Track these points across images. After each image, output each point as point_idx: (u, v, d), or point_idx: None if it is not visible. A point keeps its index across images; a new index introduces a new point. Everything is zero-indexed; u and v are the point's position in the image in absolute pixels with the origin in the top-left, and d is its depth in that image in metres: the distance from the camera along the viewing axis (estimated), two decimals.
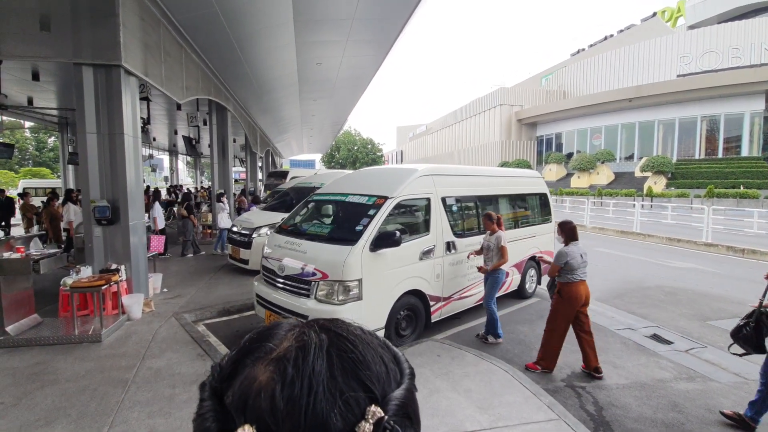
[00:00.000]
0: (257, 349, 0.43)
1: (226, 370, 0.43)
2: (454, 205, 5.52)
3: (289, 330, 0.45)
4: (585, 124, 37.41)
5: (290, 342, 0.42)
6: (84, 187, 5.50)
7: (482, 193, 6.00)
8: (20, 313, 4.77)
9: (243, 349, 0.44)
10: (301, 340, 0.42)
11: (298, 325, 0.47)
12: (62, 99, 12.33)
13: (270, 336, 0.45)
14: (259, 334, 0.46)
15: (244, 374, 0.40)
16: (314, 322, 0.47)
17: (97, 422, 3.14)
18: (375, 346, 0.45)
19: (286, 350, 0.41)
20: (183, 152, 28.35)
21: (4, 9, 4.94)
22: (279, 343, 0.43)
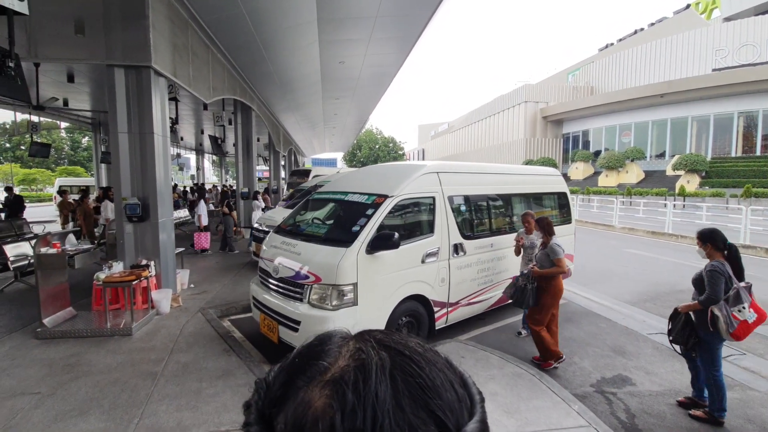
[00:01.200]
0: (309, 367, 0.38)
1: (274, 392, 0.39)
2: (463, 204, 5.18)
3: (343, 344, 0.41)
4: (613, 121, 36.27)
5: (346, 360, 0.38)
6: (116, 185, 5.68)
7: (495, 192, 5.66)
8: (56, 306, 4.96)
9: (293, 368, 0.40)
10: (358, 358, 0.38)
11: (351, 338, 0.43)
12: (95, 100, 12.79)
13: (322, 352, 0.40)
14: (310, 348, 0.42)
15: (296, 398, 0.36)
16: (369, 335, 0.43)
17: (128, 413, 3.22)
18: (441, 366, 0.40)
19: (343, 371, 0.37)
20: (209, 151, 29.03)
21: (42, 15, 5.14)
22: (333, 362, 0.38)
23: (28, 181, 39.11)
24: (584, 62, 48.65)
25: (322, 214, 5.34)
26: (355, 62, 10.83)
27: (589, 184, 33.50)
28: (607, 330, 5.41)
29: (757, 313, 3.15)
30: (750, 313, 3.12)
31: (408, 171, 4.79)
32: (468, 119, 55.17)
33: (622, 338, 5.14)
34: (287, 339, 4.02)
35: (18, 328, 4.93)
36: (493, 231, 5.41)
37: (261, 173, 28.09)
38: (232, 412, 3.26)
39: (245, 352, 4.39)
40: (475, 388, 0.41)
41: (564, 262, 4.25)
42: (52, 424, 3.07)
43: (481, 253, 5.17)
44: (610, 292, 7.07)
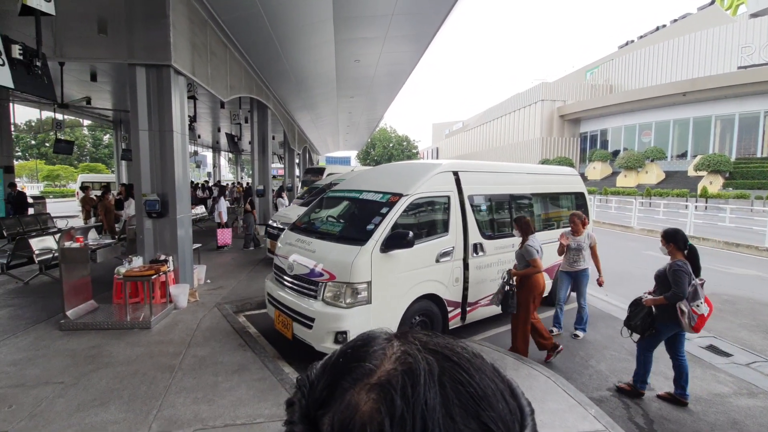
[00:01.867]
0: (354, 369, 0.38)
1: (319, 392, 0.38)
2: (483, 204, 5.20)
3: (387, 345, 0.40)
4: (633, 120, 35.45)
5: (392, 364, 0.37)
6: (136, 181, 5.81)
7: (513, 191, 5.62)
8: (79, 299, 5.11)
9: (337, 368, 0.39)
10: (405, 362, 0.37)
11: (394, 338, 0.42)
12: (116, 99, 13.11)
13: (366, 353, 0.40)
14: (354, 349, 0.41)
15: (343, 400, 0.35)
16: (413, 337, 0.42)
17: (146, 405, 3.30)
18: (490, 374, 0.38)
19: (390, 374, 0.36)
20: (225, 149, 29.45)
21: (67, 15, 5.26)
22: (379, 364, 0.37)
23: (52, 177, 40.30)
24: (603, 60, 47.66)
25: (336, 213, 5.36)
26: (370, 60, 10.83)
27: (607, 184, 32.84)
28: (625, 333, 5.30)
29: (708, 306, 3.46)
30: (705, 307, 3.44)
31: (423, 170, 4.77)
32: (483, 118, 54.66)
33: None
34: (301, 336, 4.06)
35: (43, 319, 5.10)
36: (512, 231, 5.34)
37: (276, 171, 28.36)
38: (247, 407, 3.31)
39: (260, 348, 4.44)
40: (524, 399, 0.39)
41: (539, 262, 4.32)
42: (75, 413, 3.17)
43: (502, 253, 5.15)
44: (628, 294, 6.88)
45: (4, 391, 3.44)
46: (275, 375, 3.83)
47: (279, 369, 3.98)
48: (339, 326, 3.80)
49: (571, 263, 5.11)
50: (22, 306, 5.60)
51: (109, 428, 3.00)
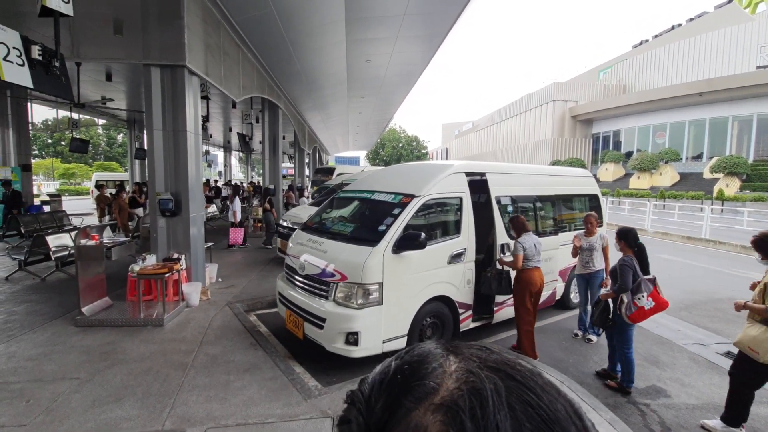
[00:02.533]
0: (415, 388, 0.36)
1: (380, 412, 0.36)
2: (510, 205, 5.26)
3: (444, 361, 0.39)
4: (647, 121, 34.91)
5: (455, 383, 0.36)
6: (150, 180, 5.87)
7: (535, 192, 5.68)
8: (94, 296, 5.18)
9: (396, 386, 0.38)
10: (468, 380, 0.35)
11: (449, 353, 0.40)
12: (131, 98, 13.29)
13: (426, 371, 0.38)
14: (411, 366, 0.39)
15: (408, 422, 0.34)
16: (468, 352, 0.40)
17: (160, 402, 3.33)
18: (554, 393, 0.37)
19: (454, 395, 0.34)
20: (236, 149, 29.69)
21: (85, 16, 5.34)
22: (441, 383, 0.36)
23: (67, 175, 41.06)
24: (617, 60, 47.02)
25: (348, 213, 5.36)
26: (381, 61, 10.83)
27: (620, 185, 32.40)
28: (640, 339, 5.21)
29: (655, 302, 3.67)
30: (648, 301, 3.66)
31: (435, 171, 4.74)
32: (493, 118, 54.30)
33: (655, 348, 4.95)
34: (312, 336, 4.06)
35: (59, 315, 5.18)
36: (539, 232, 5.39)
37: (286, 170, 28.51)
38: (259, 406, 3.32)
39: (271, 347, 4.46)
40: (588, 420, 0.37)
41: (519, 258, 4.39)
42: (90, 409, 3.21)
43: None
44: None
45: (22, 386, 3.50)
46: (286, 375, 3.84)
47: (290, 369, 3.99)
48: (350, 327, 3.79)
49: (584, 265, 5.06)
50: (39, 302, 5.71)
51: (123, 425, 3.04)
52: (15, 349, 4.21)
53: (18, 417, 3.07)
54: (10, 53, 3.56)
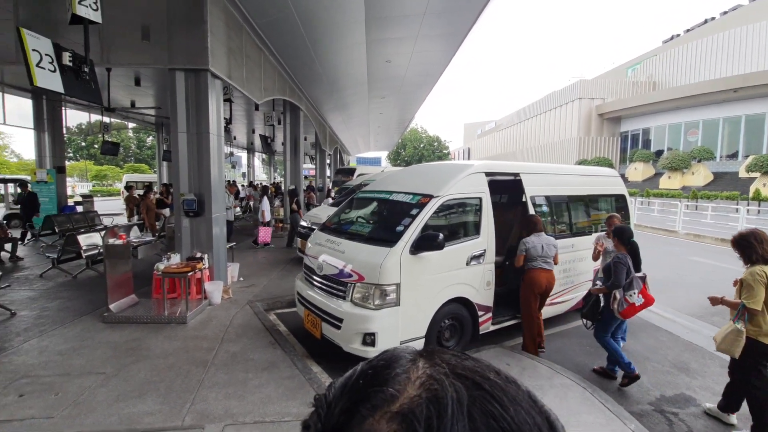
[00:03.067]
0: (374, 394, 0.35)
1: (336, 417, 0.35)
2: (544, 205, 5.25)
3: (411, 367, 0.37)
4: (678, 119, 33.58)
5: (417, 389, 0.34)
6: (175, 181, 6.03)
7: (568, 192, 5.63)
8: (121, 293, 5.36)
9: (356, 391, 0.36)
10: (430, 388, 0.34)
11: (419, 358, 0.38)
12: (159, 102, 13.71)
13: (389, 376, 0.36)
14: (375, 370, 0.38)
15: (361, 429, 0.33)
16: (440, 358, 0.38)
17: (181, 398, 3.40)
18: (526, 406, 0.34)
19: (413, 402, 0.33)
20: (259, 150, 30.23)
21: (114, 24, 5.52)
22: (402, 389, 0.34)
23: (99, 177, 42.79)
24: (646, 55, 45.45)
25: (366, 213, 5.35)
26: (401, 61, 10.79)
27: (649, 185, 31.28)
28: (668, 344, 5.00)
29: (644, 298, 3.82)
30: (638, 297, 3.80)
31: (454, 171, 4.68)
32: (517, 117, 53.41)
33: (685, 354, 4.73)
34: (330, 336, 4.07)
35: (88, 311, 5.38)
36: (574, 232, 5.40)
37: (307, 171, 28.82)
38: (276, 404, 3.35)
39: (289, 346, 4.50)
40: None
41: (520, 257, 4.49)
42: (114, 403, 3.31)
43: (563, 253, 5.05)
44: (672, 303, 6.54)
45: (52, 379, 3.65)
46: (303, 374, 3.86)
47: (307, 368, 4.01)
48: (367, 327, 3.78)
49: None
50: (70, 298, 5.94)
51: (145, 419, 3.11)
52: (47, 343, 4.39)
53: (47, 409, 3.19)
54: (42, 60, 3.72)
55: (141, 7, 5.57)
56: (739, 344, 3.05)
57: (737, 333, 3.06)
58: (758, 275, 3.01)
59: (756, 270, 3.05)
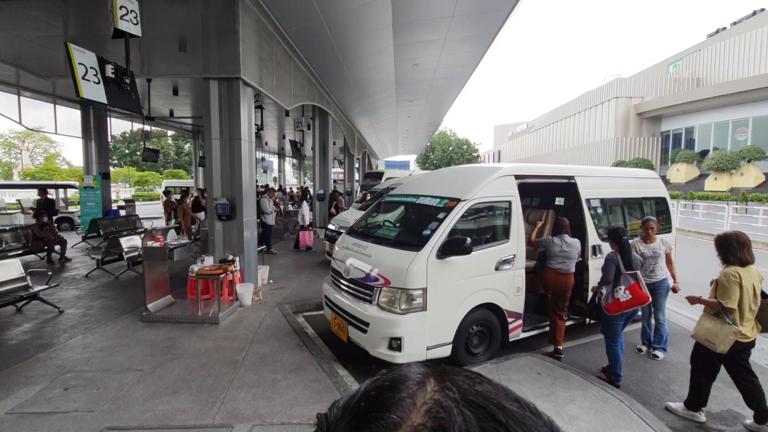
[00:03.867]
0: (375, 420, 0.32)
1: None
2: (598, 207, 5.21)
3: (418, 391, 0.34)
4: (725, 117, 31.64)
5: (422, 417, 0.32)
6: (209, 186, 6.25)
7: (619, 195, 5.56)
8: (158, 294, 5.59)
9: (358, 415, 0.34)
10: (436, 417, 0.31)
11: (428, 380, 0.36)
12: (196, 110, 14.29)
13: (392, 400, 0.34)
14: (378, 391, 0.36)
15: None
16: (451, 381, 0.35)
17: (212, 397, 3.50)
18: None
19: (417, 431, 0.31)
20: (289, 155, 30.92)
21: (153, 37, 5.81)
22: (405, 417, 0.32)
23: (141, 182, 45.02)
24: (688, 51, 43.16)
25: (393, 217, 5.34)
26: (429, 64, 10.76)
27: (693, 188, 29.60)
28: None
29: (633, 295, 3.81)
30: (624, 294, 3.83)
31: (482, 174, 4.60)
32: (549, 118, 51.98)
33: None
34: (356, 339, 4.08)
35: (128, 310, 5.65)
36: None
37: (336, 175, 29.18)
38: (302, 406, 3.38)
39: (317, 349, 4.54)
40: None
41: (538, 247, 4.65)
42: (150, 399, 3.44)
43: None
44: None
45: (94, 375, 3.84)
46: (330, 377, 3.88)
47: (334, 371, 4.03)
48: (393, 332, 3.75)
49: (648, 273, 4.61)
50: (112, 298, 6.26)
51: (178, 416, 3.22)
52: (90, 340, 4.64)
53: (89, 403, 3.36)
54: (87, 72, 3.95)
55: (177, 20, 5.83)
56: (730, 342, 3.15)
57: (732, 333, 3.13)
58: (732, 276, 3.13)
59: (730, 271, 3.16)
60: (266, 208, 10.05)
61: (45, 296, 5.75)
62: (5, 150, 41.47)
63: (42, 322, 5.23)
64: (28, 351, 4.35)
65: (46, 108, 11.33)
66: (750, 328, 3.18)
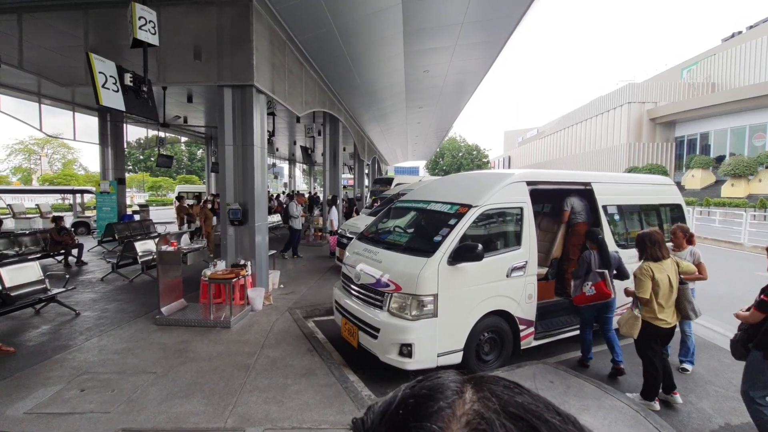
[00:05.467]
0: (416, 430, 0.32)
1: None
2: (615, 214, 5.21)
3: (457, 401, 0.34)
4: (742, 121, 31.05)
5: (462, 428, 0.31)
6: (222, 192, 6.34)
7: (636, 202, 5.55)
8: (172, 297, 5.67)
9: (394, 424, 0.34)
10: (477, 428, 0.31)
11: (466, 389, 0.35)
12: (209, 117, 14.54)
13: (431, 410, 0.33)
14: (416, 399, 0.35)
15: None
16: (490, 392, 0.35)
17: (224, 400, 3.53)
18: None
19: None
20: (300, 161, 31.17)
21: (169, 45, 5.94)
22: (445, 427, 0.31)
23: (155, 187, 45.78)
24: (703, 55, 42.58)
25: (403, 223, 5.35)
26: (439, 70, 10.80)
27: (709, 194, 29.06)
28: (733, 367, 4.56)
29: (597, 291, 4.14)
30: (590, 289, 4.18)
31: (493, 180, 4.58)
32: (560, 124, 51.63)
33: None
34: (366, 345, 4.08)
35: (142, 313, 5.74)
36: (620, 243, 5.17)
37: (346, 181, 29.32)
38: (313, 411, 3.39)
39: (327, 354, 4.55)
40: None
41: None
42: (163, 402, 3.49)
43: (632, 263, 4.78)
44: (736, 321, 5.97)
45: (109, 377, 3.90)
46: (341, 382, 3.88)
47: (344, 376, 4.03)
48: (404, 338, 3.75)
49: None
50: (127, 301, 6.37)
51: (191, 419, 3.25)
52: (105, 342, 4.72)
53: (104, 405, 3.42)
54: (107, 81, 4.06)
55: (193, 29, 5.96)
56: (636, 327, 3.61)
57: (634, 318, 3.62)
58: (644, 270, 3.52)
59: (643, 266, 3.56)
60: (294, 212, 10.14)
61: (62, 299, 5.87)
62: (25, 156, 42.56)
63: (59, 324, 5.33)
64: (45, 353, 4.45)
65: (65, 115, 11.65)
66: (671, 314, 3.58)
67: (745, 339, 3.17)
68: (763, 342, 2.96)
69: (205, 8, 5.86)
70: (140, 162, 50.38)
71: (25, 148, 41.98)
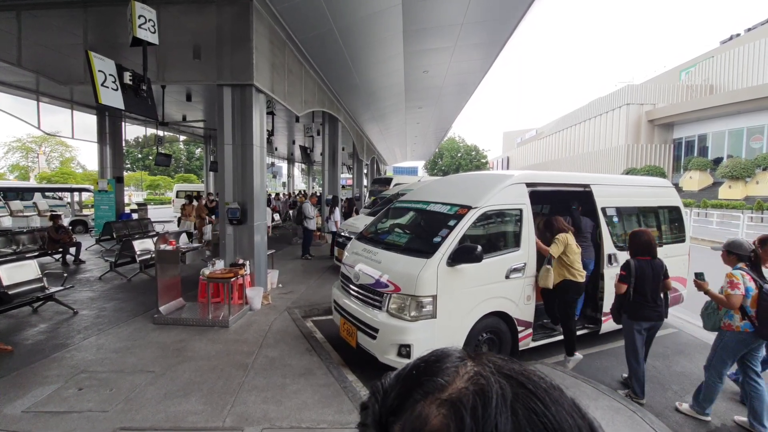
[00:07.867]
0: (426, 382, 0.39)
1: (391, 400, 0.40)
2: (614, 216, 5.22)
3: (460, 364, 0.41)
4: (739, 123, 31.15)
5: (464, 383, 0.38)
6: (221, 191, 6.34)
7: (636, 204, 5.55)
8: (170, 296, 5.66)
9: (409, 379, 0.41)
10: (478, 383, 0.37)
11: (468, 358, 0.43)
12: (208, 116, 14.51)
13: (439, 369, 0.41)
14: (427, 363, 0.43)
15: (413, 411, 0.37)
16: (487, 359, 0.42)
17: (222, 400, 3.53)
18: (568, 408, 0.37)
19: (461, 392, 0.37)
20: (299, 160, 31.17)
21: (169, 44, 5.93)
22: (451, 381, 0.39)
23: (153, 186, 45.65)
24: (701, 57, 42.69)
25: (403, 224, 5.35)
26: (439, 71, 10.82)
27: (707, 195, 29.14)
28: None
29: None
30: None
31: (493, 181, 4.58)
32: (559, 125, 51.70)
33: None
34: (365, 345, 4.08)
35: (140, 312, 5.73)
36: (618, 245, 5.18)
37: (345, 181, 29.31)
38: (312, 411, 3.39)
39: (325, 354, 4.55)
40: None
41: None
42: (162, 401, 3.48)
43: None
44: None
45: (107, 376, 3.90)
46: (339, 382, 3.89)
47: (343, 376, 4.04)
48: (403, 339, 3.76)
49: None
50: (125, 300, 6.36)
51: (189, 418, 3.25)
52: (103, 341, 4.72)
53: (102, 404, 3.42)
54: (106, 79, 4.06)
55: (193, 28, 5.95)
56: (549, 278, 4.35)
57: (546, 270, 4.37)
58: (558, 239, 4.37)
59: (559, 236, 4.39)
60: (309, 213, 10.14)
61: (60, 297, 5.86)
62: (23, 154, 42.40)
63: (57, 323, 5.32)
64: (43, 351, 4.44)
65: (63, 113, 11.60)
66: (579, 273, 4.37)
67: (618, 307, 3.97)
68: None
69: (205, 7, 5.86)
70: (138, 160, 50.22)
71: (23, 145, 41.82)
